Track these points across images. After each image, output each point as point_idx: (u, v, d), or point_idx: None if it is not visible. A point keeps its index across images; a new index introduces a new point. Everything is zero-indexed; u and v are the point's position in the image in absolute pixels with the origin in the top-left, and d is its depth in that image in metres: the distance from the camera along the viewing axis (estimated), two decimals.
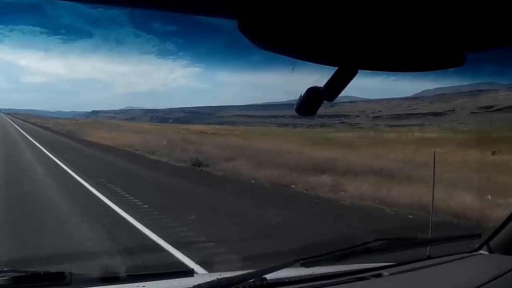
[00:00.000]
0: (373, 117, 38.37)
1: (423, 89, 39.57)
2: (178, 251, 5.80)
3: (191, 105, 54.79)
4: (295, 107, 1.38)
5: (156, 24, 60.26)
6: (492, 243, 2.32)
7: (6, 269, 1.69)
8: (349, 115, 40.66)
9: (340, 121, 40.46)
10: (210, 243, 6.22)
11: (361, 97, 42.88)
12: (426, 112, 34.64)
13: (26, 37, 57.11)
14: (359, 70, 1.33)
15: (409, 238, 2.92)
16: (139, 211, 8.14)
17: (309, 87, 1.37)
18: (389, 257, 2.18)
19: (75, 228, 6.86)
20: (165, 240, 6.28)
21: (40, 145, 21.78)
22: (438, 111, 33.98)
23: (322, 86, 1.34)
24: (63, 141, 26.71)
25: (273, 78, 53.95)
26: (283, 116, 45.16)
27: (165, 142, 21.62)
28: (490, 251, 2.31)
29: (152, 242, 6.28)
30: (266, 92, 62.28)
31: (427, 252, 2.39)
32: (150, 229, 6.86)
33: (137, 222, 7.34)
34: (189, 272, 1.85)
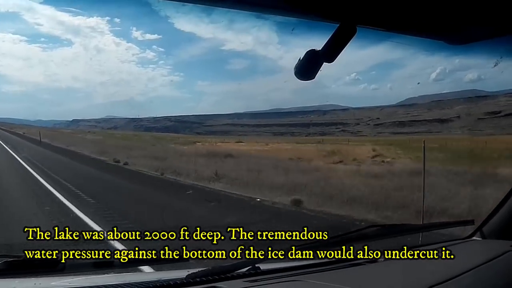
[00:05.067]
0: (374, 125, 36.86)
1: (407, 97, 38.61)
2: None
3: (171, 113, 52.81)
4: (294, 71, 1.35)
5: (137, 32, 58.91)
6: (485, 229, 2.32)
7: None
8: (348, 123, 39.09)
9: (339, 129, 38.82)
10: None
11: (343, 105, 41.64)
12: (431, 118, 33.45)
13: (5, 45, 54.38)
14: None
15: (403, 224, 2.77)
16: None
17: (307, 50, 1.35)
18: (383, 244, 2.12)
19: None
20: None
21: None
22: (444, 117, 32.80)
23: (320, 49, 1.33)
24: None
25: (253, 87, 53.26)
26: (277, 125, 43.25)
27: None
28: (483, 237, 2.31)
29: None
30: (247, 101, 60.71)
31: (420, 239, 2.47)
32: None
33: None
34: (184, 259, 1.85)
